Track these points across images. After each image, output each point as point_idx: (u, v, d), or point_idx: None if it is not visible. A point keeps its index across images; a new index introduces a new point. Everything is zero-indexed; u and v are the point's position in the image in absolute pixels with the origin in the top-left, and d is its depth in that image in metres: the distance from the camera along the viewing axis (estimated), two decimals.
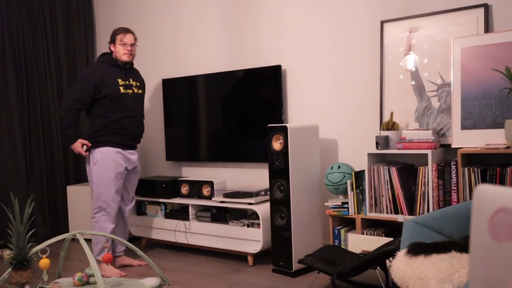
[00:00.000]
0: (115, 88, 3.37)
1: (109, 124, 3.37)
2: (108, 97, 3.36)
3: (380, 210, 2.95)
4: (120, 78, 3.42)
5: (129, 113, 3.44)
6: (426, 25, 3.06)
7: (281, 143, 3.11)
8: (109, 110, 3.37)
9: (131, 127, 3.46)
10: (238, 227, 3.49)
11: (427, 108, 3.08)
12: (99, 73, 3.37)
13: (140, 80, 3.64)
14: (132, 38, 3.48)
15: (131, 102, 3.46)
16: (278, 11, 3.70)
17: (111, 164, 3.37)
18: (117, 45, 3.45)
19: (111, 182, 3.36)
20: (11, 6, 4.20)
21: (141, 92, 3.59)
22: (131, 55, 3.48)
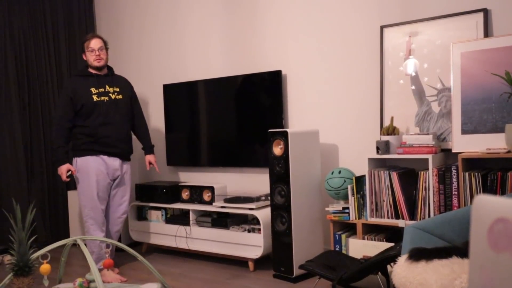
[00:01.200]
0: (88, 97, 3.41)
1: (87, 133, 3.42)
2: (83, 108, 3.40)
3: (381, 215, 2.94)
4: (93, 86, 3.45)
5: (105, 120, 3.44)
6: (425, 30, 3.07)
7: (281, 148, 3.11)
8: (86, 120, 3.42)
9: (109, 134, 3.44)
10: (239, 232, 3.49)
11: (427, 113, 3.08)
12: (72, 87, 3.43)
13: (121, 85, 3.61)
14: (98, 42, 3.47)
15: (107, 109, 3.45)
16: (278, 17, 3.71)
17: (91, 171, 3.41)
18: (87, 53, 3.47)
19: (93, 188, 3.41)
20: (13, 10, 4.21)
21: (122, 97, 3.55)
22: (101, 59, 3.47)
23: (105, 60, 3.52)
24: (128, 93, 3.63)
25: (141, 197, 4.10)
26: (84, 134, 3.42)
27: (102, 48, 3.49)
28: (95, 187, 3.41)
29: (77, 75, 3.54)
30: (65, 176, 3.43)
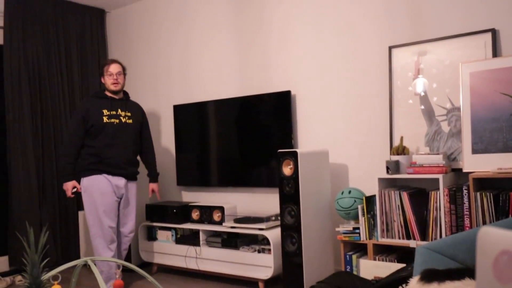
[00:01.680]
0: (98, 118, 3.50)
1: (93, 152, 3.49)
2: (93, 128, 3.49)
3: (392, 235, 2.92)
4: (106, 108, 3.54)
5: (112, 141, 3.51)
6: (434, 49, 3.09)
7: (291, 168, 3.12)
8: (94, 140, 3.50)
9: (114, 155, 3.51)
10: (249, 253, 3.48)
11: (437, 133, 3.08)
12: (85, 107, 3.53)
13: (134, 111, 3.70)
14: (117, 68, 3.59)
15: (116, 131, 3.53)
16: (287, 38, 3.75)
17: (97, 190, 3.46)
18: (105, 77, 3.59)
19: (99, 205, 3.45)
20: (27, 33, 4.30)
21: (131, 122, 3.63)
22: (118, 83, 3.59)
23: (122, 85, 3.63)
24: (139, 119, 3.72)
25: (151, 217, 4.11)
26: (90, 154, 3.49)
27: (120, 73, 3.60)
28: (100, 205, 3.45)
29: (93, 96, 3.63)
30: (70, 192, 3.48)
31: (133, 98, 4.80)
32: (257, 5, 3.91)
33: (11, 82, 4.17)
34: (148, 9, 4.68)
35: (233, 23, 4.07)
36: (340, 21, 3.49)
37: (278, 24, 3.80)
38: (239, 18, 4.03)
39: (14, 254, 4.12)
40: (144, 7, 4.71)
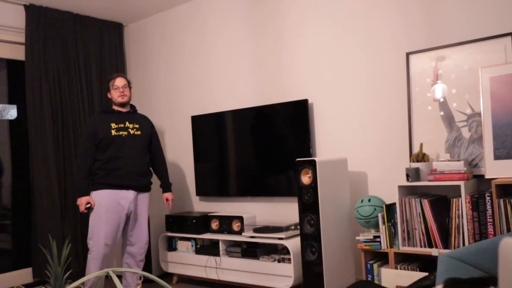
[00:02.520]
0: (107, 132, 3.54)
1: (102, 165, 3.52)
2: (102, 142, 3.53)
3: (414, 243, 2.88)
4: (114, 122, 3.58)
5: (121, 153, 3.53)
6: (452, 54, 3.06)
7: (310, 177, 3.11)
8: (103, 154, 3.53)
9: (123, 166, 3.52)
10: (269, 263, 3.47)
11: (457, 139, 3.04)
12: (94, 122, 3.60)
13: (142, 123, 3.72)
14: (122, 81, 3.64)
15: (124, 142, 3.56)
16: (303, 47, 3.76)
17: (103, 208, 3.46)
18: (112, 91, 3.64)
19: (102, 226, 3.45)
20: (48, 48, 4.38)
21: (140, 133, 3.65)
22: (125, 96, 3.62)
23: (129, 97, 3.67)
24: (147, 131, 3.73)
25: (171, 227, 4.13)
26: (99, 169, 3.52)
27: (126, 86, 3.65)
28: (103, 226, 3.45)
29: (101, 112, 3.70)
30: (83, 208, 3.49)
31: (151, 110, 4.86)
32: (273, 15, 3.93)
33: (32, 96, 4.25)
34: (165, 22, 4.74)
35: (250, 33, 4.09)
36: (356, 29, 3.48)
37: (295, 33, 3.81)
38: (256, 28, 4.05)
39: (37, 266, 4.18)
40: (161, 20, 4.77)
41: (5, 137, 4.52)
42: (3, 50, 4.32)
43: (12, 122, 4.53)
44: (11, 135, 4.54)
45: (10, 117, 4.53)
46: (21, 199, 4.40)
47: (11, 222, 4.49)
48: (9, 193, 4.51)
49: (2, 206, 4.52)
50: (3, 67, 4.51)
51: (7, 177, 4.49)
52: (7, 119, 4.52)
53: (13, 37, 4.29)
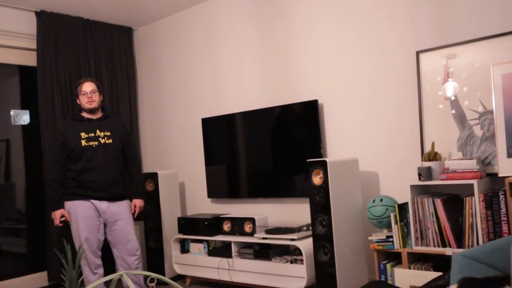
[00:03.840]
0: (76, 142, 3.45)
1: (75, 177, 3.46)
2: (73, 152, 3.45)
3: (427, 243, 2.87)
4: (84, 131, 3.48)
5: (92, 165, 3.45)
6: (463, 52, 3.04)
7: (321, 177, 3.10)
8: (75, 164, 3.46)
9: (95, 179, 3.45)
10: (282, 264, 3.47)
11: (469, 137, 3.01)
12: (63, 132, 3.50)
13: (113, 128, 3.59)
14: (90, 86, 3.52)
15: (95, 154, 3.47)
16: (312, 47, 3.76)
17: (79, 215, 3.43)
18: (80, 97, 3.53)
19: (82, 232, 3.42)
20: (59, 54, 4.42)
21: (112, 142, 3.54)
22: (93, 101, 3.51)
23: (98, 103, 3.55)
24: (120, 137, 3.60)
25: (183, 230, 4.15)
26: (72, 179, 3.46)
27: (95, 91, 3.52)
28: (83, 232, 3.43)
29: (70, 119, 3.59)
30: (58, 221, 3.45)
31: (161, 113, 4.88)
32: (281, 16, 3.93)
33: (44, 102, 4.29)
34: (173, 25, 4.76)
35: (258, 34, 4.10)
36: (365, 28, 3.47)
37: (303, 34, 3.81)
38: (264, 29, 4.06)
39: (52, 270, 4.22)
40: (170, 23, 4.79)
41: (18, 142, 4.57)
42: (16, 56, 4.37)
43: (25, 127, 4.59)
44: (25, 139, 4.59)
45: (23, 122, 4.59)
46: (35, 203, 4.44)
47: (25, 226, 4.54)
48: (23, 198, 4.56)
49: (17, 211, 4.57)
50: (15, 73, 4.57)
51: (21, 182, 4.54)
52: (20, 124, 4.58)
53: (25, 43, 4.34)
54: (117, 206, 3.53)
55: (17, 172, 4.53)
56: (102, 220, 3.52)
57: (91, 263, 3.48)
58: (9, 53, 4.32)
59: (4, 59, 4.31)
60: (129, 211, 3.60)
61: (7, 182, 4.51)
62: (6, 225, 4.52)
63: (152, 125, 5.04)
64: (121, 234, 3.54)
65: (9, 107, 4.53)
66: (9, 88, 4.64)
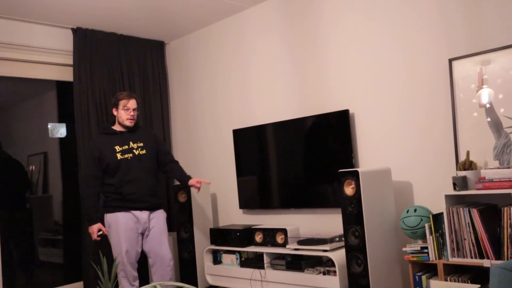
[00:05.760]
0: (112, 157, 3.52)
1: (114, 191, 3.53)
2: (109, 167, 3.52)
3: (463, 254, 2.80)
4: (118, 145, 3.56)
5: (129, 177, 3.53)
6: (497, 58, 2.97)
7: (353, 188, 3.08)
8: (112, 178, 3.53)
9: (134, 191, 3.52)
10: (314, 275, 3.44)
11: (506, 145, 2.94)
12: (97, 146, 3.57)
13: (145, 138, 3.68)
14: (134, 104, 3.59)
15: (131, 166, 3.54)
16: (342, 57, 3.75)
17: (120, 227, 3.50)
18: (120, 110, 3.57)
19: (122, 244, 3.49)
20: (94, 68, 4.54)
21: (145, 152, 3.61)
22: (133, 120, 3.59)
23: (135, 121, 3.64)
24: (152, 145, 3.69)
25: (215, 241, 4.17)
26: (111, 192, 3.54)
27: (136, 109, 3.61)
28: (124, 244, 3.50)
29: (102, 133, 3.68)
30: (95, 236, 3.52)
31: (193, 125, 4.95)
32: (312, 25, 3.94)
33: (80, 115, 4.41)
34: (204, 38, 4.83)
35: (288, 45, 4.12)
36: (396, 37, 3.44)
37: (334, 43, 3.80)
38: (294, 40, 4.07)
39: (88, 281, 4.29)
40: (201, 36, 4.87)
41: (55, 154, 4.72)
42: (53, 72, 4.53)
43: (62, 140, 4.73)
44: (61, 152, 4.73)
45: (60, 135, 4.73)
46: (72, 215, 4.56)
47: (62, 237, 4.66)
48: (60, 209, 4.69)
49: (54, 222, 4.70)
50: (53, 88, 4.73)
51: (58, 193, 4.67)
52: (57, 137, 4.72)
53: (62, 59, 4.49)
54: (156, 215, 3.64)
55: (55, 184, 4.66)
56: (141, 231, 3.58)
57: (129, 275, 3.54)
58: (47, 69, 4.48)
59: (43, 75, 4.47)
60: (164, 221, 3.69)
61: (45, 193, 4.65)
62: (44, 236, 4.65)
63: (183, 137, 5.11)
64: (155, 242, 3.61)
65: (47, 120, 4.69)
66: (47, 102, 4.80)
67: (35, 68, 4.39)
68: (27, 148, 4.56)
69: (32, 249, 4.54)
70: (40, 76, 4.46)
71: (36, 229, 4.57)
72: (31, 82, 4.51)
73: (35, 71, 4.40)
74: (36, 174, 4.58)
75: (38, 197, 4.63)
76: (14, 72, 4.29)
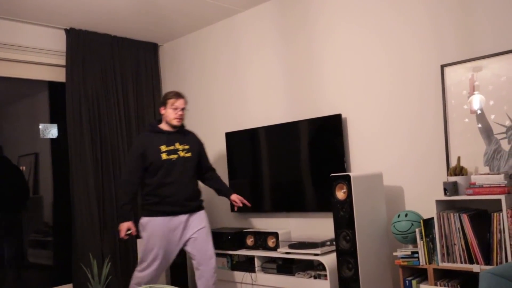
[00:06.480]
0: (157, 156, 3.42)
1: (152, 191, 3.44)
2: (152, 166, 3.43)
3: (453, 259, 2.81)
4: (164, 144, 3.46)
5: (171, 179, 3.43)
6: (489, 65, 3.00)
7: (344, 192, 3.09)
8: (153, 178, 3.43)
9: (174, 193, 3.43)
10: (305, 279, 3.44)
11: (496, 151, 2.96)
12: (142, 143, 3.48)
13: (191, 142, 3.61)
14: (183, 103, 3.52)
15: (174, 168, 3.45)
16: (335, 61, 3.76)
17: (156, 234, 3.39)
18: (168, 109, 3.50)
19: (154, 253, 3.39)
20: (87, 71, 4.52)
21: (190, 155, 3.53)
22: (181, 120, 3.53)
23: (183, 121, 3.58)
24: (197, 150, 3.63)
25: None
26: (150, 194, 3.44)
27: (184, 109, 3.54)
28: (154, 252, 3.39)
29: (149, 131, 3.56)
30: (123, 234, 3.42)
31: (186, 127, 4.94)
32: (306, 30, 3.96)
33: (72, 116, 4.39)
34: (199, 40, 4.83)
35: (282, 48, 4.13)
36: (389, 43, 3.46)
37: (327, 48, 3.82)
38: (289, 45, 4.08)
39: (78, 283, 4.25)
40: (195, 39, 4.87)
41: (46, 155, 4.68)
42: (45, 73, 4.50)
43: (53, 141, 4.70)
44: (53, 153, 4.70)
45: (52, 136, 4.70)
46: (62, 216, 4.53)
47: (52, 239, 4.62)
48: (51, 210, 4.65)
49: (44, 223, 4.67)
50: (45, 89, 4.70)
51: (48, 195, 4.64)
52: (48, 138, 4.69)
53: (55, 60, 4.47)
54: (197, 216, 3.54)
55: (45, 185, 4.63)
56: (178, 237, 3.47)
57: (143, 281, 3.42)
58: (40, 69, 4.46)
59: (35, 75, 4.44)
60: (207, 221, 3.59)
61: (35, 195, 4.62)
62: (34, 237, 4.61)
63: None
64: (201, 244, 3.51)
65: (38, 121, 4.66)
66: (38, 102, 4.78)
67: (27, 68, 4.37)
68: (18, 149, 4.53)
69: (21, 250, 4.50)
70: (32, 77, 4.44)
71: (25, 230, 4.53)
72: (23, 82, 4.48)
73: (27, 71, 4.38)
74: (26, 175, 4.55)
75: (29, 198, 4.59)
76: (6, 72, 4.26)
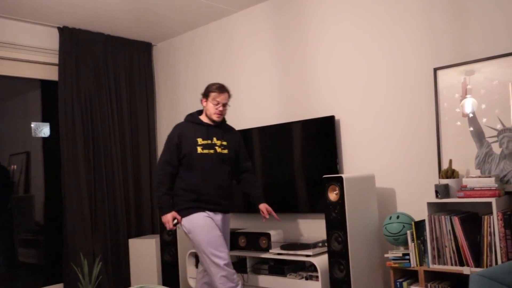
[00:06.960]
0: (192, 148, 3.22)
1: (186, 187, 3.24)
2: (185, 158, 3.23)
3: (444, 261, 2.83)
4: (201, 137, 3.26)
5: (207, 176, 3.24)
6: (481, 69, 3.02)
7: (337, 193, 3.09)
8: (189, 173, 3.24)
9: (207, 192, 3.23)
10: (297, 280, 3.44)
11: (488, 155, 2.98)
12: (179, 132, 3.29)
13: (230, 138, 3.39)
14: (226, 98, 3.30)
15: (210, 163, 3.24)
16: (329, 63, 3.77)
17: (204, 226, 3.18)
18: (209, 103, 3.29)
19: (210, 241, 3.15)
20: (80, 70, 4.51)
21: (227, 152, 3.31)
22: (221, 116, 3.32)
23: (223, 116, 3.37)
24: (235, 148, 3.41)
25: None
26: (186, 190, 3.24)
27: (226, 104, 3.33)
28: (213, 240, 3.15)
29: (188, 121, 3.39)
30: (171, 224, 3.22)
31: None
32: (300, 32, 3.97)
33: (65, 115, 4.37)
34: (193, 40, 4.83)
35: (276, 49, 4.13)
36: (382, 46, 3.48)
37: (321, 50, 3.83)
38: (282, 45, 4.09)
39: (68, 283, 4.24)
40: (189, 39, 4.86)
41: (38, 153, 4.66)
42: (38, 71, 4.48)
43: (45, 140, 4.68)
44: (44, 152, 4.68)
45: (44, 135, 4.68)
46: (54, 216, 4.50)
47: (43, 238, 4.60)
48: (42, 209, 4.63)
49: (35, 222, 4.64)
50: (37, 87, 4.68)
51: (40, 194, 4.61)
52: (40, 136, 4.67)
53: (47, 58, 4.45)
54: (227, 218, 3.43)
55: (37, 184, 4.60)
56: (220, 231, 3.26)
57: (229, 274, 3.15)
58: (32, 67, 4.43)
59: (27, 73, 4.42)
60: (229, 226, 3.47)
61: (26, 193, 4.59)
62: (25, 237, 4.58)
63: None
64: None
65: (30, 119, 4.64)
66: (30, 101, 4.75)
67: (19, 67, 4.34)
68: (9, 147, 4.50)
69: (11, 249, 4.47)
70: (25, 75, 4.42)
71: (16, 229, 4.51)
72: (15, 80, 4.45)
73: (19, 69, 4.35)
74: (17, 173, 4.52)
75: (19, 197, 4.57)
76: None
